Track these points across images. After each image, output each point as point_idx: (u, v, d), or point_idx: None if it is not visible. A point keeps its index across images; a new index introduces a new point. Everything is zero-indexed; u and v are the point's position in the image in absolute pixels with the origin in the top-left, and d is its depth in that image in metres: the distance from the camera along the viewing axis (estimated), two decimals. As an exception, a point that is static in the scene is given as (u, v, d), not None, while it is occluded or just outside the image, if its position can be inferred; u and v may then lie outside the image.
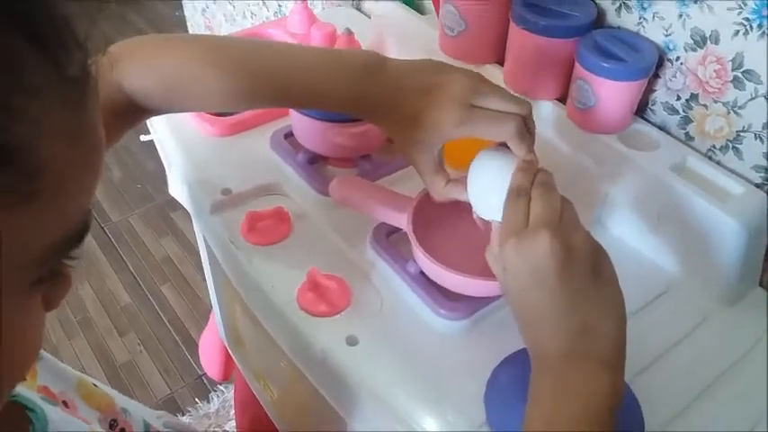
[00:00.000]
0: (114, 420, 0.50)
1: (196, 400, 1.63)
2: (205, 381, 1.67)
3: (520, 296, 0.48)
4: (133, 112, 0.58)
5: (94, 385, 0.50)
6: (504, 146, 0.55)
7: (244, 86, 0.57)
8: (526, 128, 0.54)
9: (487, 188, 0.54)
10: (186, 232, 2.05)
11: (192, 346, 1.73)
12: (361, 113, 0.60)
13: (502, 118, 0.53)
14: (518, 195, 0.50)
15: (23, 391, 0.41)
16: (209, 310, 1.82)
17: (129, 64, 0.56)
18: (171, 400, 1.62)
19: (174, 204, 2.09)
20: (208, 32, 1.84)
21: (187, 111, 0.67)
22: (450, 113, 0.54)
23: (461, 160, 0.59)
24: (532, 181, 0.50)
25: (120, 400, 0.53)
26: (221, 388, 1.64)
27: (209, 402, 1.62)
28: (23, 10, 0.23)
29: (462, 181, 0.57)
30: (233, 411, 1.58)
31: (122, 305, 1.84)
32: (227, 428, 1.56)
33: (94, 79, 0.27)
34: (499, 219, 0.51)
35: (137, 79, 0.56)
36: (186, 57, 0.58)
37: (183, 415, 1.59)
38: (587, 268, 0.46)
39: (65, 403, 0.45)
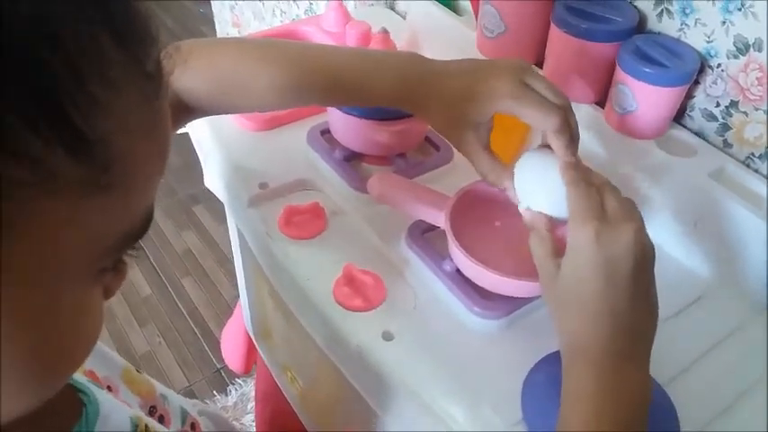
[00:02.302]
0: (154, 407, 0.50)
1: (214, 392, 1.64)
2: (223, 374, 1.68)
3: (580, 285, 0.47)
4: (180, 113, 0.59)
5: (137, 371, 0.51)
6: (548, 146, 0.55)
7: (294, 82, 0.58)
8: (565, 126, 0.54)
9: (537, 181, 0.54)
10: (207, 226, 2.07)
11: (211, 339, 1.74)
12: (407, 104, 0.60)
13: (550, 107, 0.53)
14: (588, 185, 0.49)
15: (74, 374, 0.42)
16: (228, 303, 1.84)
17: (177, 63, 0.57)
18: (189, 393, 1.63)
19: (197, 198, 2.13)
20: (235, 30, 1.85)
21: (233, 111, 0.67)
22: (504, 85, 0.54)
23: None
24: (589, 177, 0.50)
25: (159, 387, 0.54)
26: (239, 381, 1.66)
27: (227, 395, 1.63)
28: (109, 8, 0.24)
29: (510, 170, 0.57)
30: (251, 405, 1.60)
31: (143, 296, 1.86)
32: (245, 422, 1.57)
33: (167, 73, 0.27)
34: (547, 210, 0.51)
35: (186, 78, 0.57)
36: (236, 55, 0.59)
37: (201, 407, 1.60)
38: (651, 272, 0.47)
39: (109, 388, 0.46)
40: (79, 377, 0.42)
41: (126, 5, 0.25)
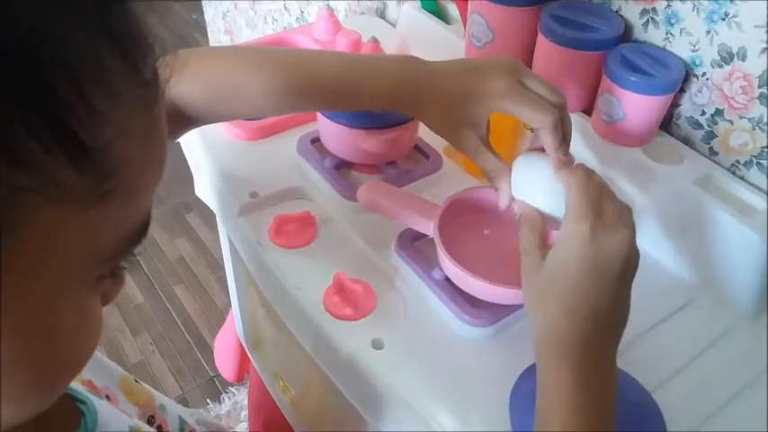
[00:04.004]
0: (152, 416, 0.51)
1: (207, 401, 1.64)
2: (216, 382, 1.68)
3: (565, 278, 0.47)
4: (177, 122, 0.59)
5: (135, 381, 0.51)
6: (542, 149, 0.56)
7: (290, 87, 0.59)
8: (561, 124, 0.55)
9: (532, 182, 0.55)
10: (200, 234, 2.06)
11: (205, 348, 1.74)
12: (404, 106, 0.60)
13: (545, 105, 0.54)
14: (590, 181, 0.50)
15: (72, 383, 0.42)
16: (221, 311, 1.84)
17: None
18: (182, 401, 1.63)
19: (189, 206, 2.13)
20: (227, 37, 1.86)
21: (228, 118, 0.67)
22: (500, 84, 0.55)
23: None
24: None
25: (158, 396, 0.54)
26: (232, 390, 1.65)
27: (220, 404, 1.63)
28: (106, 18, 0.24)
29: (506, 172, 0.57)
30: (244, 413, 1.60)
31: (135, 304, 1.85)
32: (238, 430, 1.57)
33: (163, 80, 0.28)
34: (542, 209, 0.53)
35: (182, 87, 0.57)
36: (232, 62, 0.59)
37: (194, 415, 1.60)
38: (632, 280, 0.48)
39: (107, 397, 0.46)
40: (78, 387, 0.42)
41: (124, 15, 0.26)
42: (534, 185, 0.55)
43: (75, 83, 0.22)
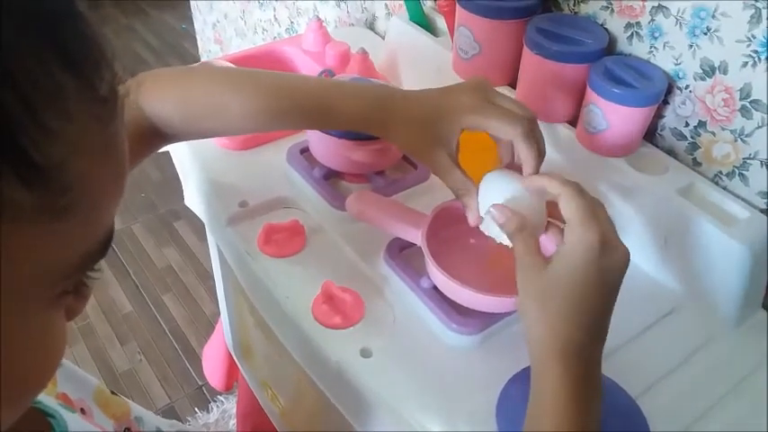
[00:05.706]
0: (128, 429, 0.50)
1: (195, 410, 1.63)
2: (205, 391, 1.67)
3: (571, 283, 0.48)
4: (152, 138, 0.60)
5: (112, 393, 0.51)
6: (510, 167, 0.57)
7: (264, 108, 0.60)
8: (533, 134, 0.56)
9: (499, 194, 0.56)
10: (189, 242, 2.06)
11: (193, 356, 1.73)
12: (375, 128, 0.62)
13: (513, 116, 0.55)
14: (582, 191, 0.51)
15: (43, 397, 0.41)
16: (210, 319, 1.84)
17: (150, 90, 0.58)
18: (170, 410, 1.62)
19: (177, 214, 2.13)
20: (218, 46, 1.86)
21: (204, 136, 0.67)
22: (469, 101, 0.57)
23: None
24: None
25: (135, 408, 0.54)
26: (221, 398, 1.65)
27: (208, 413, 1.62)
28: (59, 34, 0.24)
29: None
30: (232, 422, 1.59)
31: (124, 313, 1.85)
32: (226, 439, 1.57)
33: (121, 96, 0.27)
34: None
35: (157, 104, 0.58)
36: (209, 81, 0.60)
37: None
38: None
39: (82, 410, 0.46)
40: (49, 400, 0.42)
41: (77, 30, 0.25)
42: (501, 197, 0.56)
43: (28, 103, 0.22)
